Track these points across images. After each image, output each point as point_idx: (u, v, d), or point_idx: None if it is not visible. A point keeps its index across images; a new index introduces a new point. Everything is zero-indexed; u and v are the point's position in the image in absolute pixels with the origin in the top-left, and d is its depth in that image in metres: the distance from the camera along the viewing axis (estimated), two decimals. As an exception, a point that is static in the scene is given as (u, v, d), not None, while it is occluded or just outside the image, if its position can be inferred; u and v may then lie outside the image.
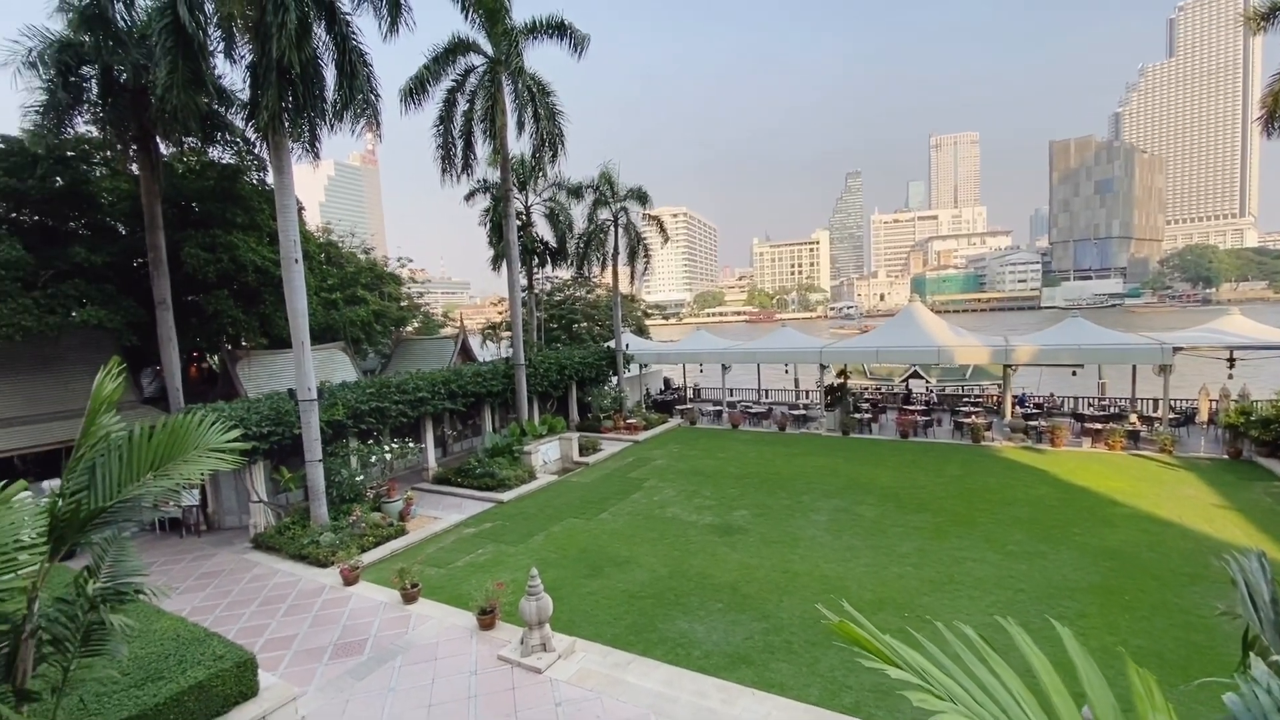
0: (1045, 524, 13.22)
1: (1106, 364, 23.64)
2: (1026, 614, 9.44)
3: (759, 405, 27.96)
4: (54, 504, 4.74)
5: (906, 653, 2.13)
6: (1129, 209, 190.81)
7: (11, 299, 16.48)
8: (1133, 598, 9.94)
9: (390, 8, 13.79)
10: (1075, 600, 9.95)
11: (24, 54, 15.08)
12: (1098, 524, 13.08)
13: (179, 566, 13.57)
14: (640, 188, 26.95)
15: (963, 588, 10.53)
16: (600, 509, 15.62)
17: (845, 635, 2.15)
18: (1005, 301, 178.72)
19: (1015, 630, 2.29)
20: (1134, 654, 8.25)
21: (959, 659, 2.18)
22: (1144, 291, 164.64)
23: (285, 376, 20.15)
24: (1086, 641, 8.62)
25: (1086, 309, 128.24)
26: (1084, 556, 11.53)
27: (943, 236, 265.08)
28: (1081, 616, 9.45)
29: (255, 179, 21.91)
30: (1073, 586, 10.41)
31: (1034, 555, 11.69)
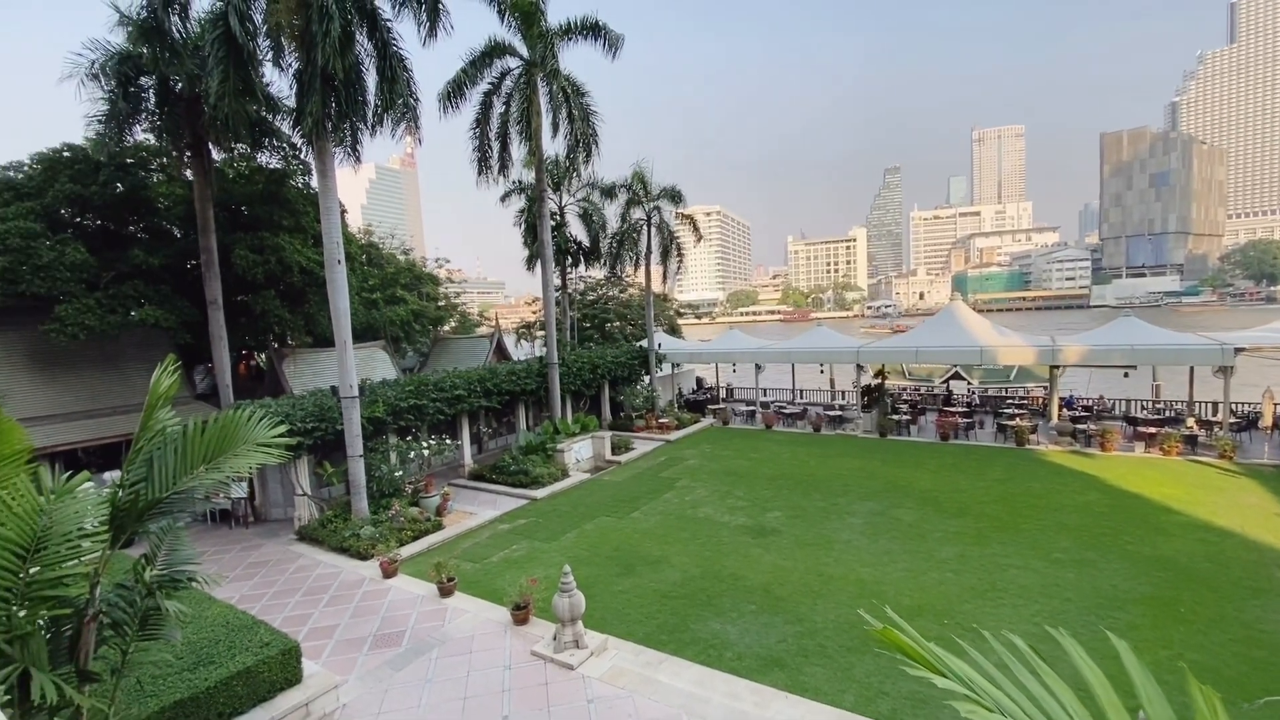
0: (1094, 531, 12.71)
1: (1161, 365, 22.58)
2: (1074, 624, 9.09)
3: (793, 405, 27.61)
4: (114, 494, 4.98)
5: (952, 661, 2.06)
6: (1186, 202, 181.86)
7: (77, 299, 17.39)
8: (1189, 610, 9.47)
9: (429, 12, 14.06)
10: (1126, 611, 9.54)
11: (87, 66, 15.94)
12: (1151, 532, 12.51)
13: (228, 556, 14.12)
14: (673, 187, 26.89)
15: (1005, 595, 10.21)
16: (632, 508, 15.66)
17: (889, 641, 2.10)
18: (1052, 300, 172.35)
19: (1068, 641, 2.20)
20: (1190, 670, 7.86)
21: (1007, 669, 2.11)
22: (1203, 289, 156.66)
23: (328, 374, 20.79)
24: (1138, 655, 8.25)
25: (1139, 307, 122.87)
26: (1136, 566, 11.05)
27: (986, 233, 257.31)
28: (1133, 629, 9.05)
29: (301, 183, 22.66)
30: (1123, 597, 9.98)
31: (1082, 563, 11.25)
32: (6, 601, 4.47)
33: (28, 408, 16.27)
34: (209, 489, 5.41)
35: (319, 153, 13.74)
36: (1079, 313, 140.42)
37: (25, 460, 5.07)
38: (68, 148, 19.36)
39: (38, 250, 16.86)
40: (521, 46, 19.52)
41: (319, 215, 14.45)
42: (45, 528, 4.65)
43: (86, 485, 5.09)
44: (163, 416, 5.13)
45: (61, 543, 4.64)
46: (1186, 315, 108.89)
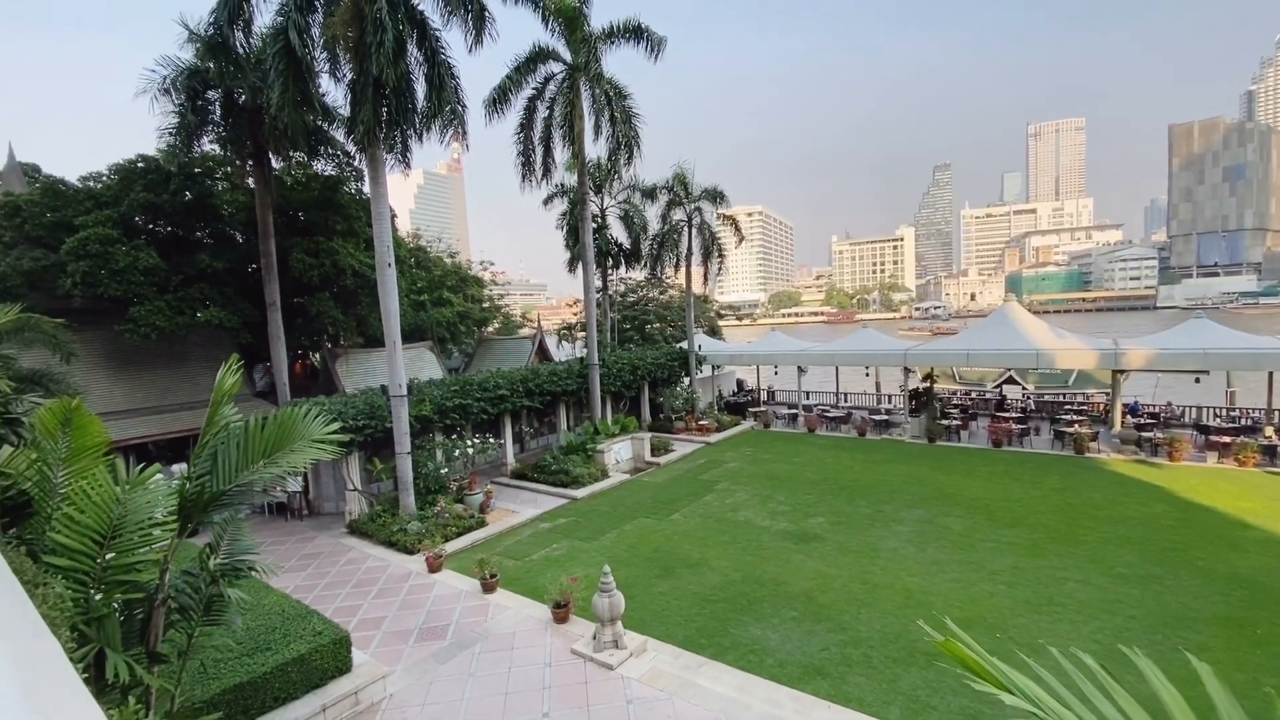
0: (1161, 545, 12.02)
1: (1237, 370, 21.19)
2: (1139, 644, 8.58)
3: (837, 409, 27.06)
4: (182, 486, 5.26)
5: (1017, 678, 1.98)
6: (1265, 197, 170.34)
7: (149, 301, 18.47)
8: (1266, 632, 8.85)
9: (475, 20, 14.38)
10: (1196, 631, 8.97)
11: (159, 81, 16.94)
12: (1224, 548, 11.74)
13: (284, 547, 14.73)
14: (715, 187, 26.75)
15: (1063, 611, 9.75)
16: (672, 510, 15.62)
17: (952, 654, 2.03)
18: (1114, 301, 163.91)
19: (1143, 661, 2.08)
20: (1269, 697, 7.34)
21: (1076, 689, 2.01)
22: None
23: (378, 373, 21.47)
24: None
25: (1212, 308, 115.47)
26: (1207, 583, 10.39)
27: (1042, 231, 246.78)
28: (1204, 650, 8.51)
29: (353, 189, 23.50)
30: (1193, 616, 9.40)
31: (1147, 579, 10.65)
32: (85, 585, 4.78)
33: (104, 403, 17.35)
34: (267, 482, 5.66)
35: (371, 160, 14.23)
36: (1145, 314, 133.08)
37: (103, 453, 5.40)
38: (142, 159, 20.58)
39: (115, 255, 17.97)
40: (565, 51, 19.77)
41: (371, 220, 14.95)
42: (120, 516, 4.94)
43: (156, 477, 5.40)
44: (226, 413, 5.39)
45: (135, 530, 4.92)
46: (1251, 317, 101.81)
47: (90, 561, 4.77)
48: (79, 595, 4.70)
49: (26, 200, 18.76)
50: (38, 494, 5.26)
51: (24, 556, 4.47)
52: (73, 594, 4.61)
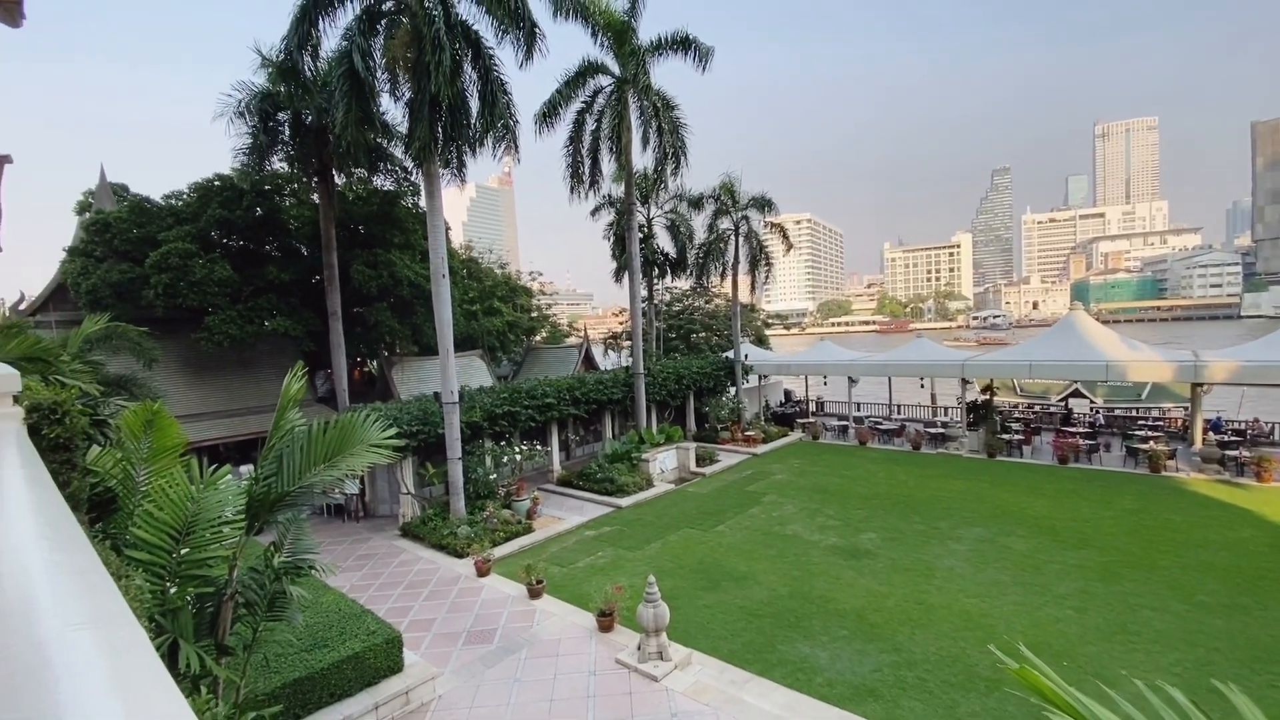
0: (1249, 573, 11.12)
1: (1337, 385, 19.47)
2: (1224, 678, 7.96)
3: (890, 421, 26.27)
4: (250, 486, 5.54)
5: (1101, 711, 1.86)
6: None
7: (222, 311, 19.61)
8: (1379, 675, 8.05)
9: (527, 38, 14.77)
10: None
11: (235, 105, 18.08)
12: (1326, 579, 10.77)
13: (340, 548, 15.29)
14: (763, 195, 26.51)
15: (1138, 640, 9.13)
16: (717, 521, 15.45)
17: (1026, 682, 1.92)
18: (1193, 309, 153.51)
19: (1240, 699, 1.93)
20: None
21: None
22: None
23: (432, 381, 22.12)
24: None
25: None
26: (1306, 617, 9.54)
27: (1111, 236, 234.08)
28: (1303, 690, 7.82)
29: (410, 203, 24.42)
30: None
31: (1233, 609, 9.86)
32: (161, 578, 5.07)
33: (180, 406, 18.47)
34: (327, 484, 5.90)
35: (427, 174, 14.76)
36: (1227, 324, 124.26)
37: (180, 453, 5.76)
38: (218, 177, 21.94)
39: (193, 268, 19.18)
40: (613, 64, 20.05)
41: (426, 233, 15.50)
42: (194, 514, 5.23)
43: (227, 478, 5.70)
44: (292, 417, 5.65)
45: (207, 528, 5.21)
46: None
47: (167, 556, 5.07)
48: (156, 588, 5.00)
49: (115, 217, 20.28)
50: (122, 491, 5.64)
51: (109, 550, 4.79)
52: (151, 586, 4.91)
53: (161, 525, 5.05)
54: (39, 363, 8.32)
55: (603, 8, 18.95)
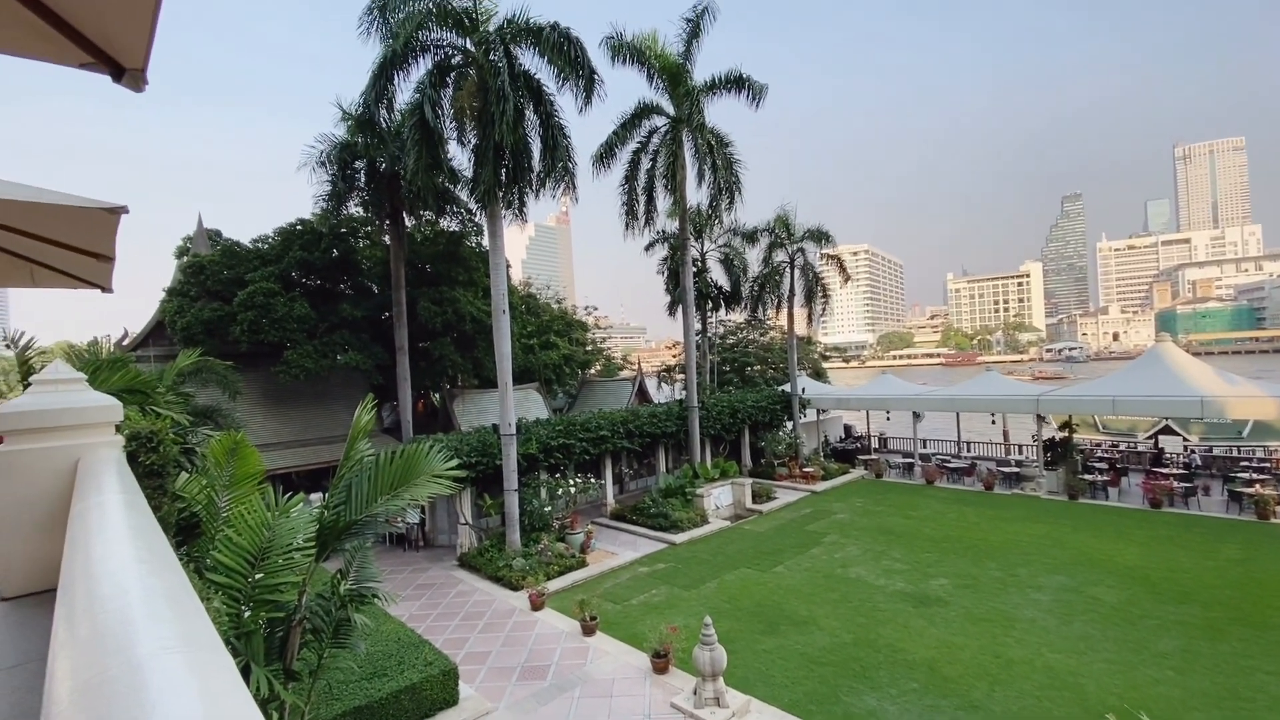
0: (1391, 640, 9.81)
1: None
2: (1368, 762, 6.98)
3: (960, 459, 24.99)
4: (321, 514, 5.76)
5: None
6: None
7: (300, 346, 20.82)
8: None
9: (586, 85, 15.39)
10: None
11: (317, 155, 19.53)
12: None
13: (400, 576, 15.62)
14: (819, 227, 26.28)
15: (1253, 707, 8.16)
16: (775, 561, 14.94)
17: None
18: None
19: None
20: None
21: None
22: None
23: (491, 413, 22.65)
24: None
25: None
26: None
27: (1199, 263, 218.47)
28: None
29: (474, 242, 25.52)
30: None
31: (1375, 681, 8.69)
32: (237, 602, 5.30)
33: (258, 436, 19.56)
34: (392, 514, 6.07)
35: (490, 215, 15.43)
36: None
37: (258, 481, 6.07)
38: (300, 222, 23.60)
39: (275, 306, 20.53)
40: (668, 105, 20.56)
41: (488, 270, 16.11)
42: (269, 540, 5.47)
43: (300, 506, 5.96)
44: (361, 447, 5.88)
45: (280, 554, 5.43)
46: None
47: (243, 580, 5.30)
48: (232, 611, 5.22)
49: (209, 260, 22.04)
50: (205, 516, 5.97)
51: (192, 573, 5.05)
52: (227, 610, 5.13)
53: (239, 550, 5.29)
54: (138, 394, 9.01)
55: (658, 51, 19.57)
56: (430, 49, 14.95)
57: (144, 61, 1.63)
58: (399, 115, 18.90)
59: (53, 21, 1.59)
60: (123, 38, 1.57)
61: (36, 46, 1.64)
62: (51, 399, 4.26)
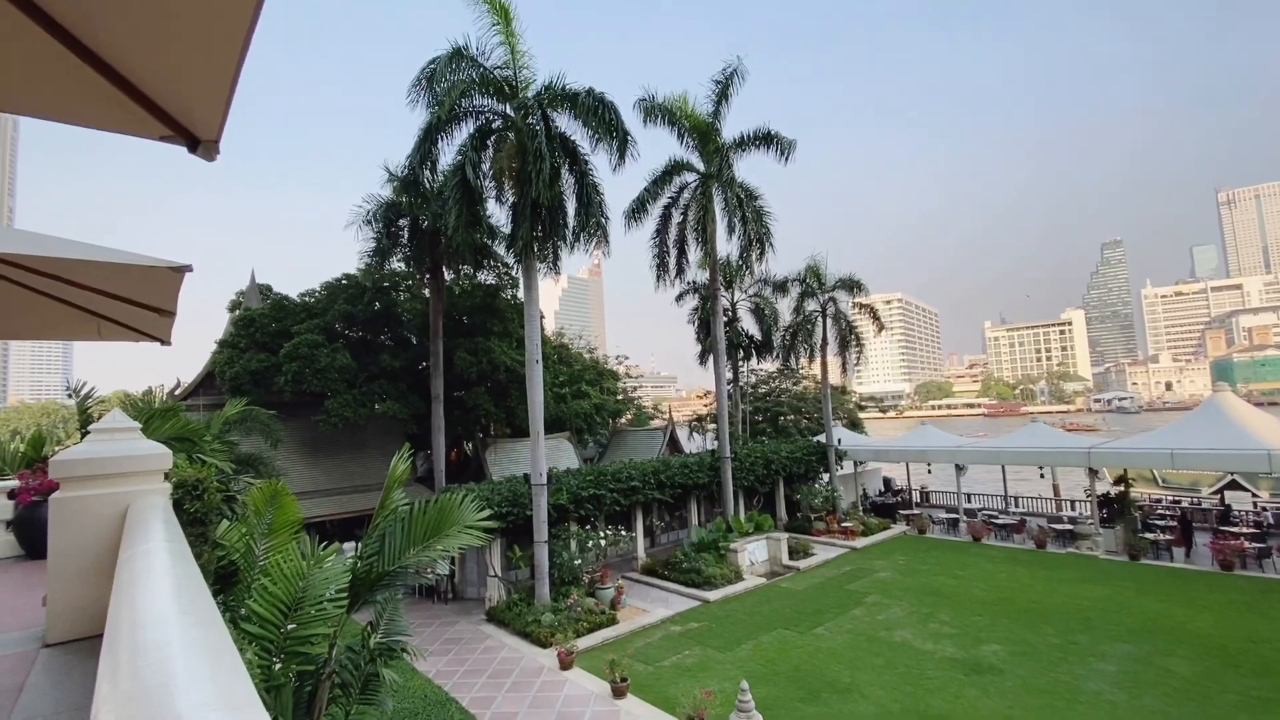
0: None
1: None
2: None
3: (1008, 515, 23.82)
4: (354, 565, 5.76)
5: None
6: None
7: (340, 395, 21.38)
8: None
9: (620, 145, 16.01)
10: None
11: (364, 215, 20.55)
12: None
13: (429, 630, 15.38)
14: (851, 276, 26.23)
15: (1367, 807, 7.27)
16: (815, 622, 14.27)
17: None
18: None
19: None
20: None
21: None
22: None
23: (522, 462, 22.65)
24: None
25: None
26: None
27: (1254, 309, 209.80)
28: None
29: (509, 295, 26.20)
30: None
31: None
32: (269, 654, 5.27)
33: (296, 484, 19.89)
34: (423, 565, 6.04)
35: (526, 269, 15.88)
36: None
37: (295, 530, 6.12)
38: (345, 277, 24.64)
39: (318, 357, 21.23)
40: (698, 162, 21.15)
41: (522, 321, 16.45)
42: (303, 590, 5.47)
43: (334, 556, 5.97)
44: (396, 497, 5.92)
45: (312, 604, 5.41)
46: None
47: (276, 631, 5.28)
48: (264, 663, 5.18)
49: (258, 313, 23.05)
50: (243, 564, 6.02)
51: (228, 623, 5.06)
52: (259, 661, 5.10)
53: (274, 600, 5.29)
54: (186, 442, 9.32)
55: (688, 112, 20.29)
56: (472, 114, 15.81)
57: (218, 134, 1.76)
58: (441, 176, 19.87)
59: (138, 98, 1.73)
60: (201, 112, 1.70)
61: (123, 121, 1.79)
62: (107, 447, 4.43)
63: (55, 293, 4.23)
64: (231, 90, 1.59)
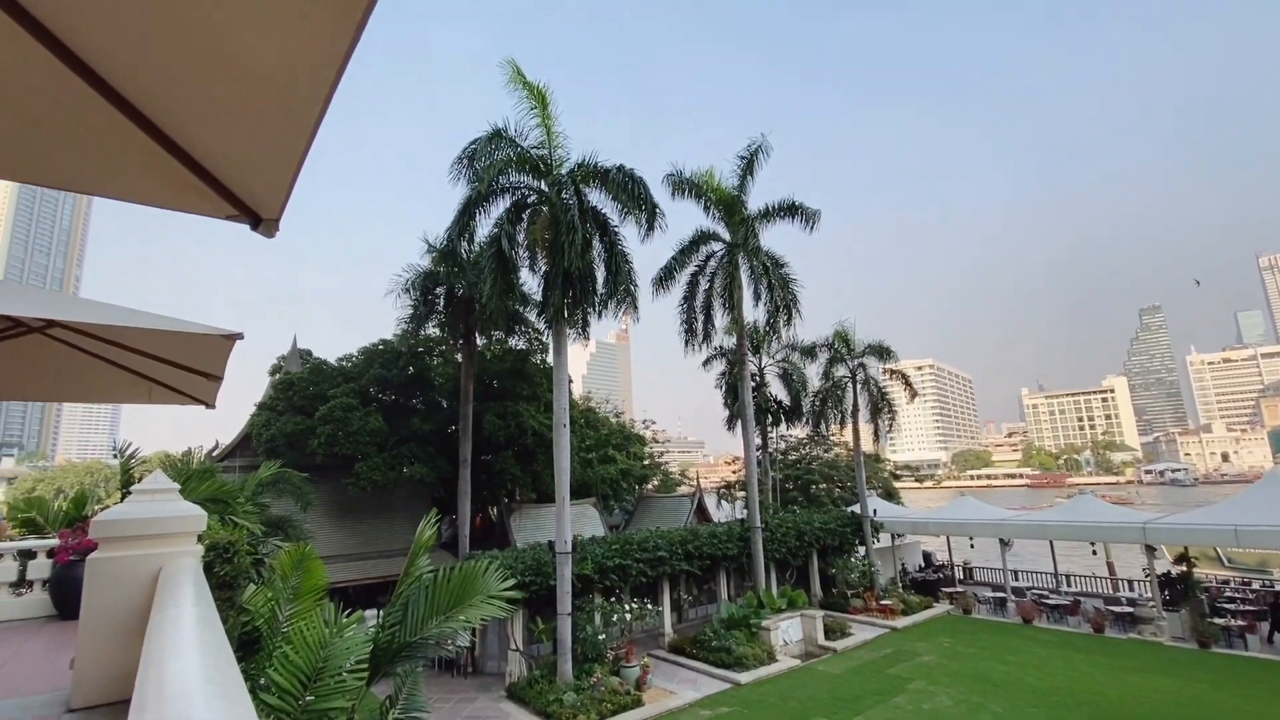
0: None
1: None
2: None
3: (1059, 595, 22.32)
4: (377, 634, 5.64)
5: None
6: None
7: (370, 458, 21.61)
8: None
9: (648, 218, 16.62)
10: None
11: (403, 283, 21.42)
12: None
13: (446, 707, 14.77)
14: (880, 343, 26.06)
15: None
16: (855, 710, 13.31)
17: None
18: None
19: None
20: None
21: None
22: None
23: (547, 528, 22.30)
24: None
25: None
26: None
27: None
28: None
29: (539, 359, 26.63)
30: None
31: None
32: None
33: (322, 547, 19.75)
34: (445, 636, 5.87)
35: (556, 335, 16.22)
36: None
37: (320, 596, 6.06)
38: (382, 342, 25.45)
39: (351, 420, 21.66)
40: (724, 232, 21.70)
41: (551, 385, 16.62)
42: (324, 659, 5.36)
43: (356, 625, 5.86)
44: (421, 564, 5.85)
45: (332, 675, 5.27)
46: None
47: (294, 703, 5.13)
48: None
49: (297, 378, 23.80)
50: (266, 631, 5.94)
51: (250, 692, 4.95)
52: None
53: (295, 670, 5.17)
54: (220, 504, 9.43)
55: (714, 185, 21.02)
56: (509, 190, 16.65)
57: (280, 213, 1.90)
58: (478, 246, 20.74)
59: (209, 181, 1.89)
60: (266, 194, 1.84)
61: (194, 204, 1.94)
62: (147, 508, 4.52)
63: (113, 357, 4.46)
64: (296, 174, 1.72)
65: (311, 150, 1.66)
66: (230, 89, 1.55)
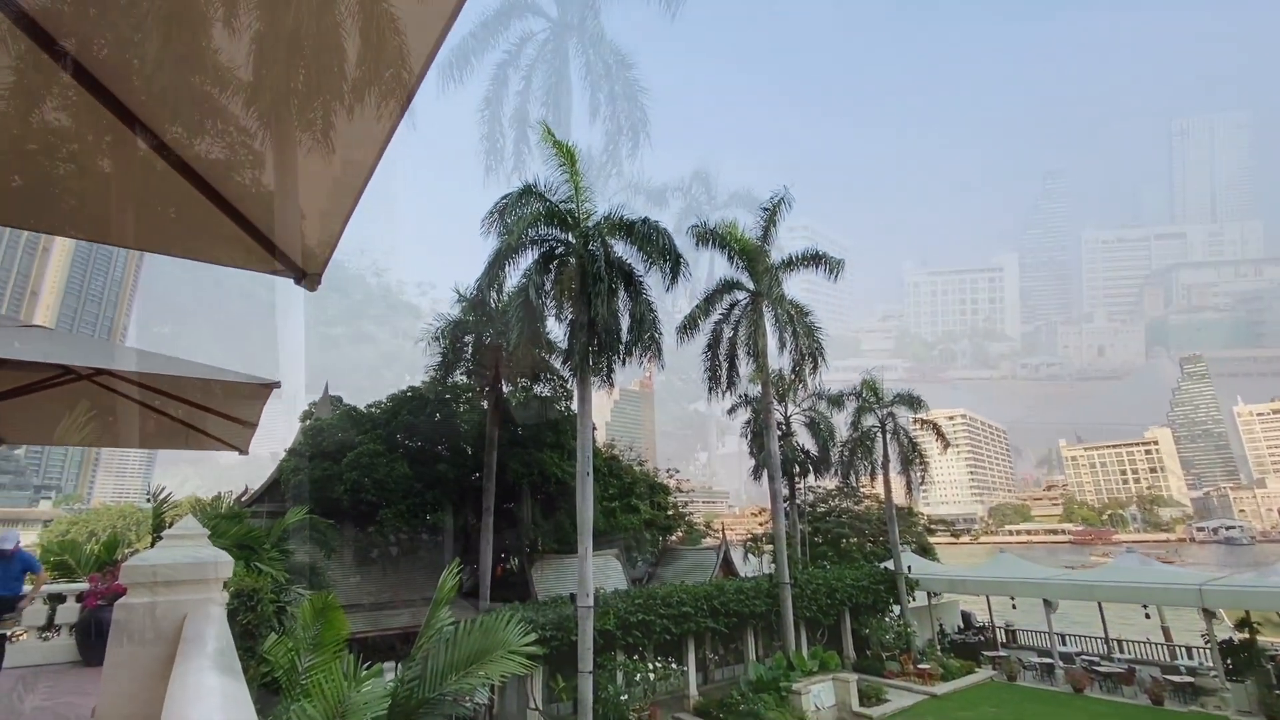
0: None
1: None
2: None
3: (1111, 662, 20.89)
4: (395, 689, 5.52)
5: None
6: None
7: (395, 505, 21.63)
8: None
9: (672, 268, 16.91)
10: None
11: (433, 332, 21.95)
12: None
13: (464, 768, 14.21)
14: (910, 392, 25.65)
15: None
16: (893, 784, 12.43)
17: None
18: None
19: None
20: None
21: None
22: None
23: (568, 580, 21.83)
24: None
25: None
26: None
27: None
28: None
29: (563, 406, 26.69)
30: None
31: None
32: (301, 786, 4.97)
33: (344, 596, 19.67)
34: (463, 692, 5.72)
35: (581, 382, 16.34)
36: None
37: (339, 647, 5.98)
38: (410, 389, 25.85)
39: (377, 466, 21.81)
40: (748, 281, 21.88)
41: (574, 433, 16.61)
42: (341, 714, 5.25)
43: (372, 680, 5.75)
44: (443, 615, 5.77)
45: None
46: None
47: (310, 760, 5.02)
48: (293, 797, 4.88)
49: (327, 423, 24.20)
50: (285, 681, 5.87)
51: (265, 746, 4.86)
52: (289, 793, 4.81)
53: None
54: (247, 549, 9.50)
55: (737, 236, 21.35)
56: (537, 242, 17.14)
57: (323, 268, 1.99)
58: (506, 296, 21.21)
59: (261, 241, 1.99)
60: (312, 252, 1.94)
61: (245, 260, 2.05)
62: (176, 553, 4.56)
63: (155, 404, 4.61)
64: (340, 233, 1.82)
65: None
66: (287, 160, 1.66)
